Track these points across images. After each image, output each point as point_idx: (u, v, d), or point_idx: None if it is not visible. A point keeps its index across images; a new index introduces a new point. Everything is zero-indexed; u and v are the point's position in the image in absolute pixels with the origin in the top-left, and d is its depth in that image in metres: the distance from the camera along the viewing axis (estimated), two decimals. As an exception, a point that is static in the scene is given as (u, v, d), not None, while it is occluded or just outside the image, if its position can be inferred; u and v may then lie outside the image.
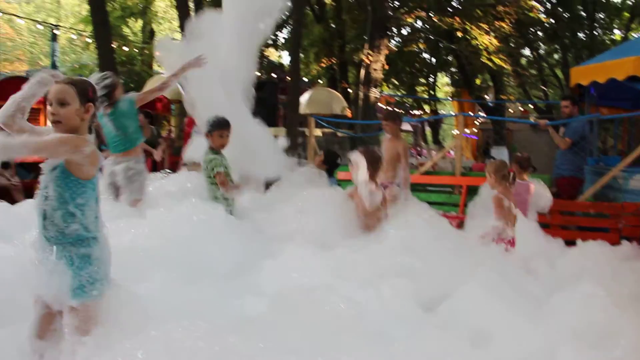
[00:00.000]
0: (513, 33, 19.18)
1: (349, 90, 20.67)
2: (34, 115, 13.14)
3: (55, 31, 19.25)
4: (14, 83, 13.49)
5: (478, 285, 3.66)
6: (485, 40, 17.33)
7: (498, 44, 17.82)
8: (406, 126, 34.53)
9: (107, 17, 11.91)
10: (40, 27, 22.73)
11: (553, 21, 21.19)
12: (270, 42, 21.01)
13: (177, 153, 10.33)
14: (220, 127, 5.33)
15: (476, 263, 4.09)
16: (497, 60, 17.91)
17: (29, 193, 8.08)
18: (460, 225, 7.81)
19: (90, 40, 21.89)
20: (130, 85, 20.93)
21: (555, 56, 25.84)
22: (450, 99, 26.91)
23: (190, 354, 2.37)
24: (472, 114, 20.38)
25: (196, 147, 6.33)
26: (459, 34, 18.05)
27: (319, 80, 22.99)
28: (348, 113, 17.72)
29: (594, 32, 22.95)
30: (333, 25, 20.62)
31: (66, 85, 2.84)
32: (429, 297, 3.76)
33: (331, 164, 7.83)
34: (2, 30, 20.90)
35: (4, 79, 14.13)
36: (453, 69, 25.04)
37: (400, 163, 6.87)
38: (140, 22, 25.23)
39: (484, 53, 17.81)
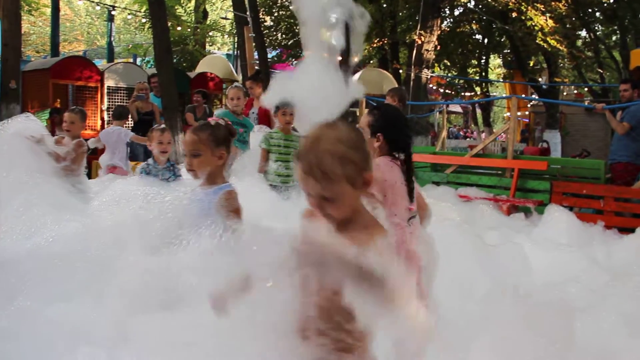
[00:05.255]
0: (569, 13, 18.64)
1: (400, 70, 20.52)
2: (92, 94, 13.57)
3: (112, 12, 19.72)
4: (73, 62, 14.03)
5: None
6: (541, 20, 16.91)
7: (554, 24, 17.36)
8: (456, 108, 34.24)
9: (163, -3, 12.12)
10: (97, 8, 23.28)
11: (612, 1, 20.51)
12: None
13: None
14: (281, 107, 5.66)
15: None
16: (552, 42, 17.45)
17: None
18: (510, 209, 7.80)
19: (144, 20, 22.36)
20: (183, 64, 21.32)
21: (614, 38, 25.01)
22: (502, 81, 26.41)
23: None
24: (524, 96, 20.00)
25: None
26: (514, 15, 17.64)
27: (370, 61, 22.89)
28: (399, 93, 17.63)
29: (656, 13, 22.11)
30: (384, 5, 20.48)
31: (196, 136, 3.02)
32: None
33: None
34: (62, 12, 21.49)
35: (63, 58, 14.60)
36: (506, 51, 24.54)
37: None
38: (193, 2, 25.61)
39: (539, 34, 17.40)
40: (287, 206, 4.91)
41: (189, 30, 22.90)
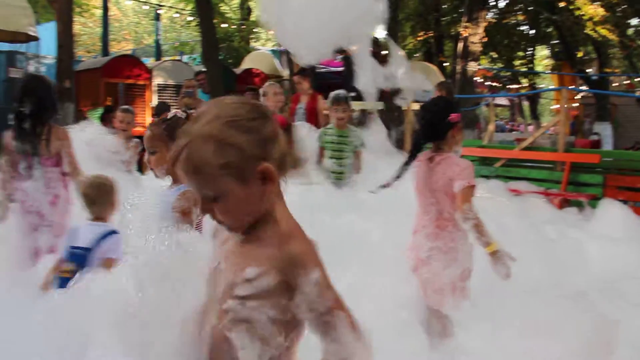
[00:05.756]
0: (620, 1, 18.14)
1: (446, 63, 20.33)
2: (141, 92, 13.87)
3: (158, 11, 20.08)
4: (123, 61, 14.37)
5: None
6: (590, 9, 16.53)
7: (604, 13, 16.93)
8: (502, 100, 33.68)
9: (209, -6, 12.29)
10: (145, 7, 23.75)
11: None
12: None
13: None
14: (334, 102, 5.64)
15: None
16: (602, 31, 17.04)
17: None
18: (562, 203, 7.67)
19: (190, 19, 22.71)
20: (228, 60, 21.53)
21: (668, 26, 24.24)
22: (550, 73, 25.88)
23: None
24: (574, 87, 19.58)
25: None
26: (562, 4, 17.28)
27: (415, 55, 22.75)
28: (445, 87, 17.48)
29: None
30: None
31: (150, 131, 2.97)
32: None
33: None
34: (111, 12, 22.04)
35: (114, 57, 14.95)
36: (553, 41, 24.03)
37: None
38: (237, -1, 25.92)
39: (588, 23, 17.00)
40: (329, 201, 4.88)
41: (233, 27, 23.14)
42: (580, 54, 23.12)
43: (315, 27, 4.81)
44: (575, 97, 20.64)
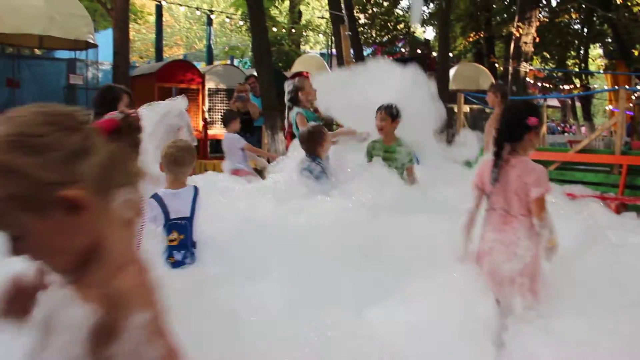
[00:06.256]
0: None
1: (496, 64, 20.08)
2: (194, 96, 14.16)
3: (210, 16, 20.45)
4: (176, 66, 14.69)
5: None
6: (648, 6, 16.08)
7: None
8: (553, 101, 32.96)
9: (262, 0, 12.44)
10: (196, 12, 24.21)
11: None
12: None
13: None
14: (379, 109, 5.65)
15: None
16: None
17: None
18: (619, 208, 7.49)
19: (241, 23, 23.04)
20: (279, 64, 21.79)
21: None
22: (603, 72, 25.19)
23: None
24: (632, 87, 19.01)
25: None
26: (618, 1, 16.82)
27: (465, 55, 22.54)
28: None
29: None
30: (478, -2, 20.15)
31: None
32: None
33: None
34: (164, 18, 22.60)
35: (168, 62, 15.30)
36: (607, 40, 23.38)
37: None
38: (287, 3, 26.16)
39: (646, 21, 16.54)
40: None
41: (284, 30, 23.40)
42: (636, 53, 22.45)
43: None
44: (632, 97, 20.05)
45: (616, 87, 18.71)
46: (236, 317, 2.79)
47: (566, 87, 24.66)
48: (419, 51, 19.39)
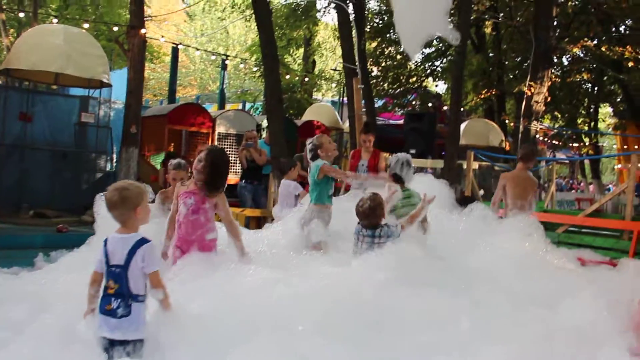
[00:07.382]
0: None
1: (507, 121, 20.11)
2: (203, 139, 14.22)
3: (225, 61, 20.72)
4: (187, 109, 14.78)
5: None
6: (660, 70, 16.12)
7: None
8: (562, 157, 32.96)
9: (276, 50, 12.57)
10: (211, 56, 24.59)
11: None
12: (428, 71, 21.14)
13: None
14: None
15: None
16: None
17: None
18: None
19: (255, 69, 23.34)
20: (290, 111, 21.93)
21: None
22: (614, 134, 25.16)
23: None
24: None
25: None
26: (630, 64, 16.86)
27: (476, 111, 22.65)
28: (506, 146, 17.27)
29: None
30: (491, 55, 20.28)
31: None
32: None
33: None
34: (179, 59, 22.96)
35: (179, 105, 15.40)
36: (617, 99, 23.40)
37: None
38: (301, 50, 26.51)
39: (658, 83, 16.56)
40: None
41: (297, 79, 23.65)
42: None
43: None
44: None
45: (626, 148, 18.69)
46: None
47: (575, 144, 24.63)
48: (429, 104, 19.47)
